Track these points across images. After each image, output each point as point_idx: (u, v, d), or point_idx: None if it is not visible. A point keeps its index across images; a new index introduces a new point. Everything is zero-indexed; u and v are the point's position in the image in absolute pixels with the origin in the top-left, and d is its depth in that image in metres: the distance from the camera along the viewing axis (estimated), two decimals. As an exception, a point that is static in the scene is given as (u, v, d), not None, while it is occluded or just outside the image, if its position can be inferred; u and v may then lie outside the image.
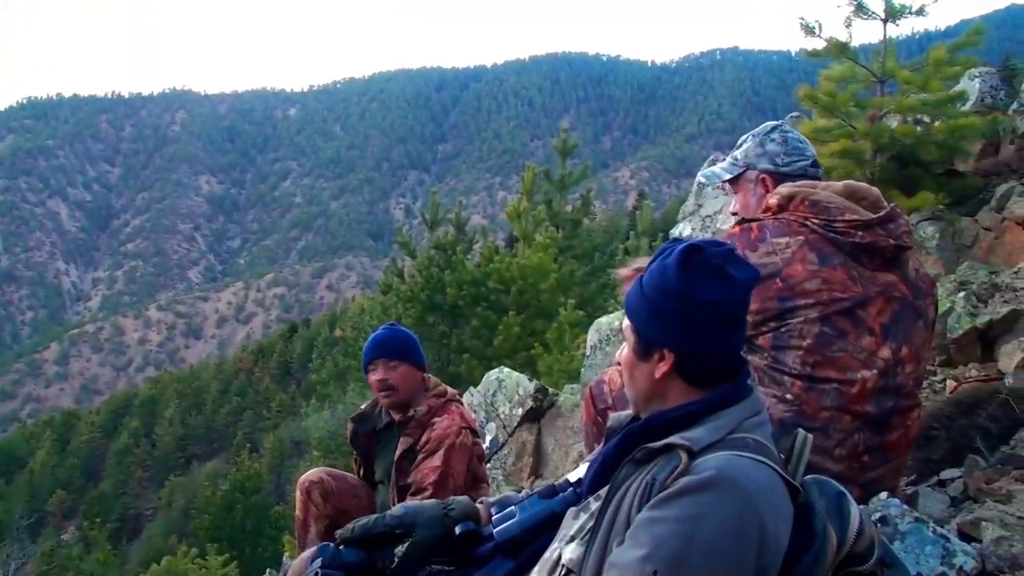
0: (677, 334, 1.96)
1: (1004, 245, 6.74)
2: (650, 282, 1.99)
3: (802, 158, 3.19)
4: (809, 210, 2.87)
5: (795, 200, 2.91)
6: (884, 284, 2.82)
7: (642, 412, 2.06)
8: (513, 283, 14.98)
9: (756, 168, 3.23)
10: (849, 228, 2.81)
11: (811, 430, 2.53)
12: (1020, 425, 3.59)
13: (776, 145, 3.22)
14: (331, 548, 2.24)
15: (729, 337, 1.98)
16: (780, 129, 3.29)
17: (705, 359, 1.97)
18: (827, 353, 2.71)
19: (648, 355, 2.00)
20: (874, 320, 2.77)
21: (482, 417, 8.29)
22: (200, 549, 26.58)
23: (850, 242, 2.80)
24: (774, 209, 2.96)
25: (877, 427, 2.73)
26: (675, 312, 1.95)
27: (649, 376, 2.01)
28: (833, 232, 2.81)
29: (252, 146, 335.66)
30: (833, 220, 2.83)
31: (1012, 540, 2.53)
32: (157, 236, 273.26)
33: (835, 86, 7.98)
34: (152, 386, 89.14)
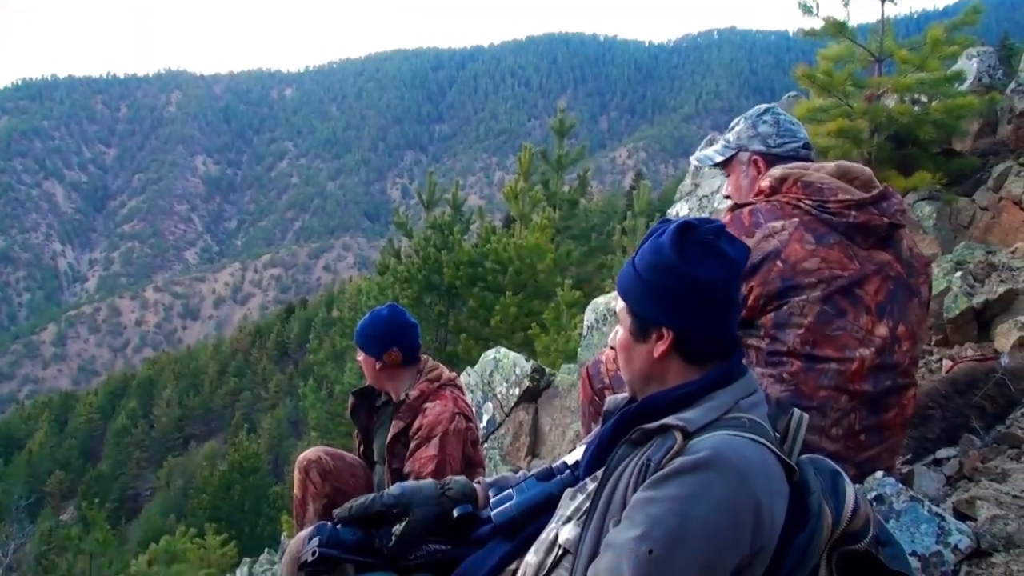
0: (675, 312, 1.96)
1: (1001, 225, 6.74)
2: (644, 261, 1.99)
3: (794, 140, 3.19)
4: (802, 191, 2.87)
5: (787, 182, 2.92)
6: (879, 263, 2.82)
7: (639, 394, 2.06)
8: (510, 263, 14.99)
9: (748, 150, 3.23)
10: (842, 208, 2.82)
11: (808, 409, 2.54)
12: (1015, 404, 3.60)
13: (768, 127, 3.22)
14: (329, 527, 2.24)
15: (724, 313, 1.99)
16: (772, 111, 3.28)
17: (702, 336, 1.98)
18: (826, 332, 2.71)
19: (646, 335, 2.00)
20: (871, 299, 2.77)
21: (479, 397, 8.30)
22: (198, 529, 26.60)
23: (844, 222, 2.81)
24: (766, 192, 2.97)
25: (874, 406, 2.73)
26: (672, 289, 1.95)
27: (647, 356, 2.01)
28: (827, 212, 2.81)
29: (248, 127, 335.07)
30: (826, 200, 2.83)
31: (1007, 519, 2.54)
32: (153, 217, 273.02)
33: (833, 65, 7.95)
34: (149, 367, 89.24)
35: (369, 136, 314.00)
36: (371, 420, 4.40)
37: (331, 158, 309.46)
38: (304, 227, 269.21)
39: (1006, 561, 2.40)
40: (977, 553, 2.47)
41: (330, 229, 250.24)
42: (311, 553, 2.15)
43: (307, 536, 2.28)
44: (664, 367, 2.00)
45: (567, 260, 16.03)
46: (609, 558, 1.71)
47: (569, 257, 16.19)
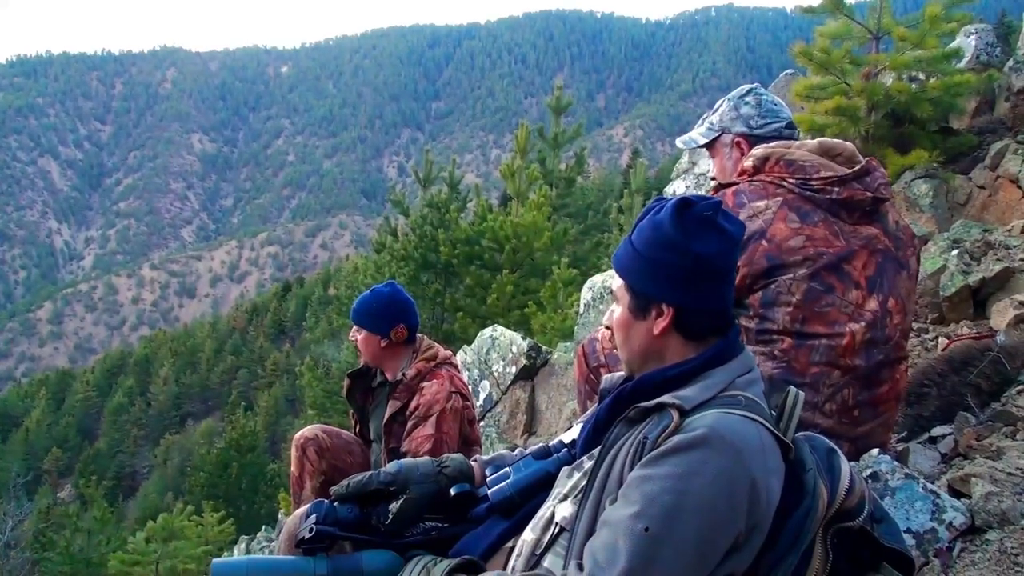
0: (675, 288, 1.96)
1: (998, 203, 6.74)
2: (643, 238, 1.99)
3: (776, 120, 3.20)
4: (785, 170, 2.88)
5: (770, 161, 2.92)
6: (866, 237, 2.83)
7: (637, 372, 2.06)
8: (507, 241, 14.98)
9: (731, 132, 3.24)
10: (825, 185, 2.82)
11: (800, 386, 2.55)
12: (1011, 382, 3.61)
13: (750, 108, 3.22)
14: (326, 504, 2.24)
15: (723, 290, 1.99)
16: (754, 92, 3.29)
17: (701, 312, 1.98)
18: (815, 308, 2.72)
19: (645, 312, 2.00)
20: (859, 273, 2.78)
21: (475, 375, 8.32)
22: (196, 506, 26.72)
23: (827, 198, 2.81)
24: (749, 172, 2.97)
25: (866, 381, 2.74)
26: (672, 265, 1.95)
27: (647, 334, 2.01)
28: (810, 190, 2.82)
29: (244, 104, 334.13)
30: (809, 178, 2.84)
31: (1001, 496, 2.55)
32: (150, 195, 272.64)
33: (830, 43, 7.93)
34: (146, 345, 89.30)
35: (365, 114, 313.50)
36: (367, 401, 4.41)
37: (327, 136, 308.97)
38: (301, 205, 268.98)
39: (1000, 538, 2.41)
40: (972, 530, 2.49)
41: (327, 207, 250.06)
42: (308, 530, 2.15)
43: (304, 513, 2.28)
44: (663, 344, 2.00)
45: (564, 238, 16.02)
46: (605, 536, 1.72)
47: (566, 235, 16.18)
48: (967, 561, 2.37)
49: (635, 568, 1.65)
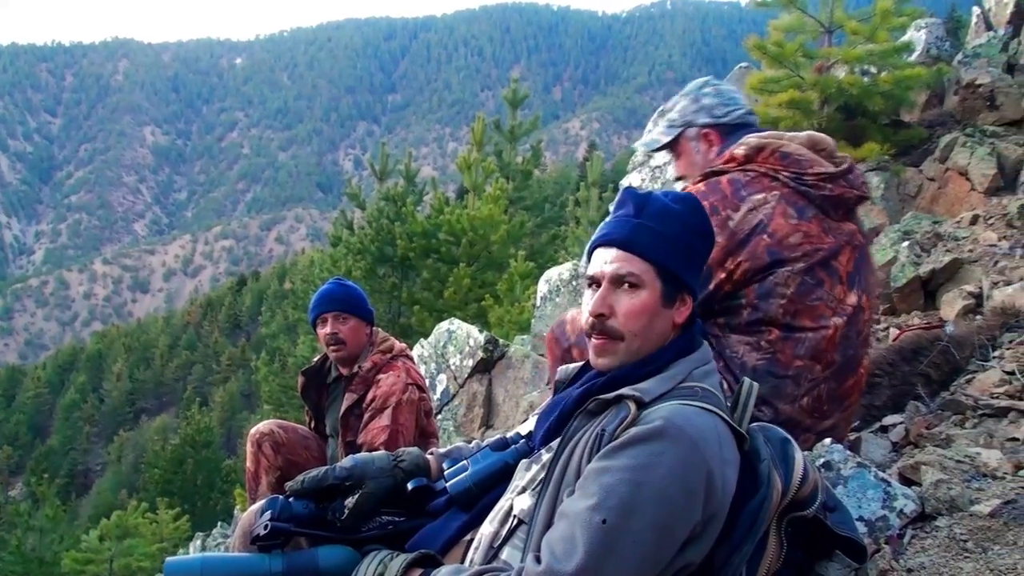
0: (696, 276, 2.01)
1: (947, 195, 6.83)
2: (684, 224, 2.00)
3: (738, 107, 3.20)
4: (779, 162, 2.89)
5: (765, 151, 2.92)
6: (848, 233, 2.88)
7: (630, 361, 2.01)
8: (463, 234, 14.95)
9: (696, 124, 3.21)
10: (819, 181, 2.85)
11: (783, 379, 2.61)
12: (960, 372, 3.66)
13: (711, 98, 3.21)
14: (281, 500, 2.22)
15: None
16: (710, 83, 3.29)
17: (697, 302, 2.02)
18: (806, 302, 2.75)
19: (673, 300, 1.99)
20: (844, 269, 2.83)
21: (432, 369, 8.30)
22: (151, 503, 26.48)
23: (821, 195, 2.84)
24: (740, 160, 2.96)
25: (838, 375, 2.78)
26: (703, 255, 2.02)
27: (669, 322, 2.00)
28: (804, 185, 2.84)
29: (197, 96, 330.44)
30: (803, 173, 2.86)
31: (951, 483, 2.59)
32: (101, 188, 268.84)
33: (784, 36, 8.00)
34: (99, 340, 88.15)
35: (321, 106, 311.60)
36: (322, 397, 4.39)
37: (282, 128, 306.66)
38: (255, 198, 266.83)
39: (950, 524, 2.44)
40: (922, 517, 2.52)
41: (282, 200, 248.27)
42: (263, 527, 2.13)
43: (259, 510, 2.26)
44: (674, 334, 2.02)
45: (520, 231, 16.02)
46: (563, 528, 1.72)
47: (522, 228, 16.17)
48: (918, 547, 2.40)
49: (592, 560, 1.65)
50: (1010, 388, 3.33)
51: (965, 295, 4.70)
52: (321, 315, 4.17)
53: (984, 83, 7.46)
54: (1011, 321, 3.92)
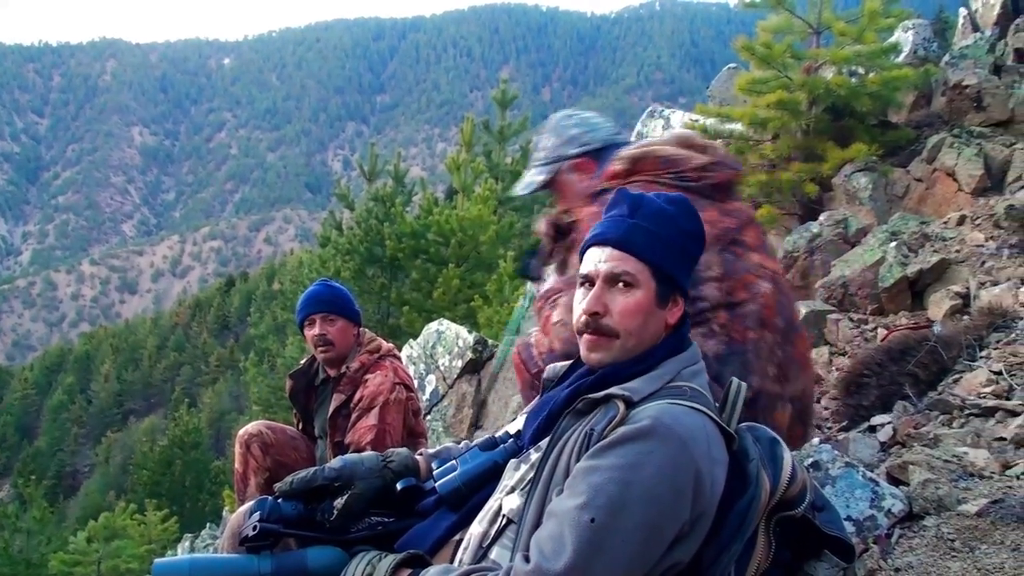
0: (688, 278, 2.04)
1: (934, 196, 6.87)
2: (678, 225, 2.02)
3: (602, 127, 3.25)
4: (659, 166, 2.91)
5: (643, 160, 2.94)
6: (740, 210, 2.95)
7: (620, 361, 2.01)
8: (452, 235, 14.93)
9: (567, 157, 3.23)
10: (701, 173, 2.89)
11: (745, 354, 2.61)
12: (947, 371, 3.68)
13: (576, 128, 3.25)
14: (269, 501, 2.22)
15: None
16: (570, 115, 3.32)
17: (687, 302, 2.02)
18: (735, 277, 2.78)
19: (667, 300, 2.00)
20: (752, 241, 2.88)
21: (422, 369, 8.29)
22: (139, 505, 26.38)
23: (706, 184, 2.88)
24: (622, 173, 2.96)
25: (787, 338, 2.81)
26: (694, 256, 2.04)
27: (662, 323, 2.01)
28: (689, 181, 2.87)
29: (186, 97, 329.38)
30: (684, 170, 2.89)
31: (938, 483, 2.59)
32: (89, 189, 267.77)
33: (772, 37, 8.03)
34: (87, 342, 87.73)
35: (310, 107, 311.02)
36: (310, 400, 4.38)
37: (271, 129, 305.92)
38: (244, 199, 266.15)
39: (937, 524, 2.45)
40: (910, 516, 2.53)
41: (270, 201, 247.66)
42: (252, 528, 2.12)
43: (248, 511, 2.25)
44: (666, 334, 2.03)
45: (509, 232, 15.99)
46: (552, 527, 1.72)
47: (511, 229, 16.14)
48: (905, 547, 2.41)
49: (581, 559, 1.66)
50: (997, 388, 3.35)
51: (952, 295, 4.73)
52: (308, 316, 4.16)
53: (971, 84, 7.50)
54: (998, 321, 3.94)
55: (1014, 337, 3.72)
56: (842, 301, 5.51)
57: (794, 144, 7.85)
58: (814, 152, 7.72)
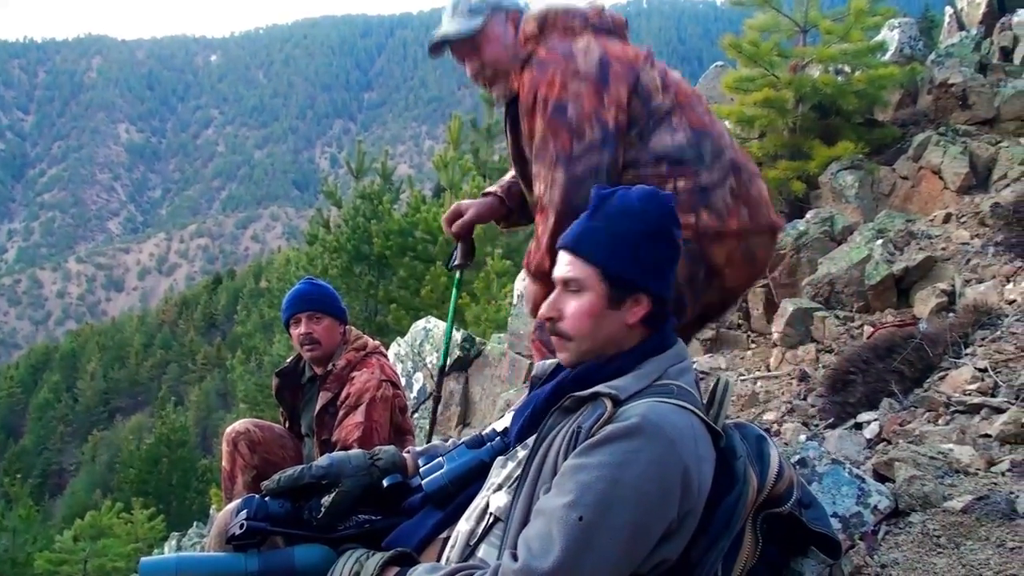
0: (658, 276, 1.98)
1: (920, 194, 6.89)
2: (629, 225, 1.98)
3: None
4: (566, 18, 2.97)
5: (549, 16, 2.97)
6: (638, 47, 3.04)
7: (585, 361, 2.04)
8: (440, 233, 14.91)
9: (503, 8, 3.10)
10: (600, 15, 3.00)
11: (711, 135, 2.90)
12: (933, 369, 3.70)
13: None
14: (256, 499, 2.21)
15: (673, 279, 2.02)
16: None
17: (666, 301, 2.00)
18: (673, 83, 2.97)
19: (621, 302, 1.99)
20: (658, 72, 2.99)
21: (409, 367, 8.29)
22: (125, 503, 26.30)
23: (606, 25, 3.00)
24: (536, 34, 2.97)
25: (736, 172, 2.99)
26: (657, 254, 1.98)
27: (619, 323, 2.00)
28: (593, 23, 2.97)
29: (172, 93, 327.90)
30: (586, 14, 2.97)
31: (924, 479, 2.61)
32: (75, 186, 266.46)
33: (759, 35, 8.05)
34: (73, 339, 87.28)
35: (297, 104, 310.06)
36: (297, 398, 4.37)
37: (258, 126, 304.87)
38: (231, 196, 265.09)
39: (923, 520, 2.47)
40: (896, 513, 2.54)
41: (258, 198, 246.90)
42: (239, 526, 2.12)
43: (235, 509, 2.25)
44: (631, 333, 2.01)
45: (496, 230, 15.99)
46: (540, 525, 1.73)
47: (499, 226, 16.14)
48: (891, 543, 2.42)
49: (569, 557, 1.66)
50: (982, 385, 3.37)
51: (938, 293, 4.75)
52: (294, 315, 4.15)
53: (957, 82, 7.53)
54: (983, 319, 3.96)
55: (999, 334, 3.74)
56: (829, 299, 5.53)
57: (781, 142, 7.86)
58: (801, 150, 7.74)
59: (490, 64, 3.08)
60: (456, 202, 3.63)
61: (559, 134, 2.82)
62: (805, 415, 4.19)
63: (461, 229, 3.59)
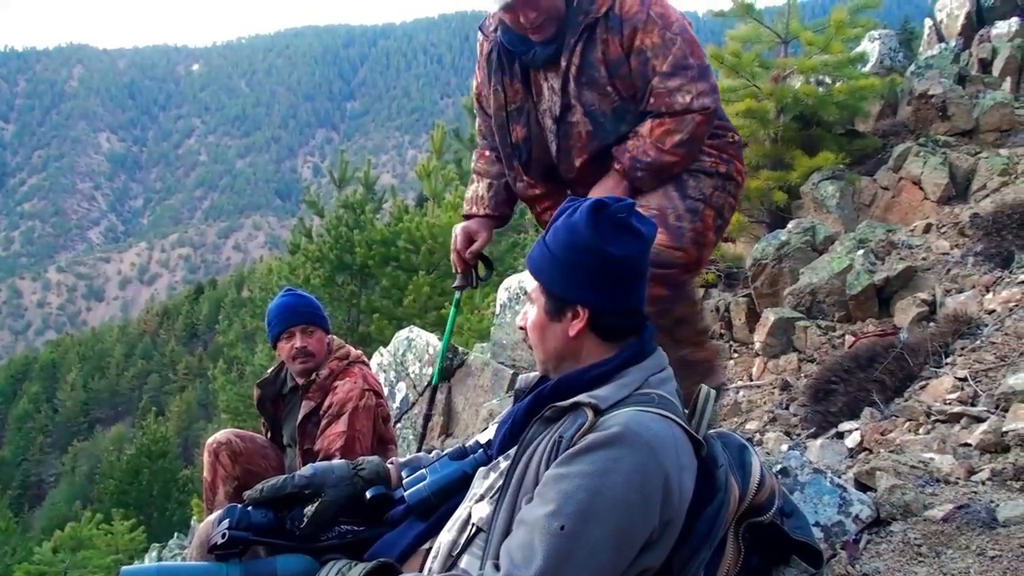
0: (590, 290, 1.98)
1: (901, 204, 6.94)
2: (558, 240, 2.00)
3: None
4: None
5: None
6: None
7: (553, 373, 2.06)
8: (423, 242, 14.92)
9: None
10: None
11: None
12: (913, 378, 3.72)
13: None
14: (239, 509, 2.20)
15: (636, 290, 2.01)
16: None
17: (615, 314, 2.00)
18: None
19: (560, 314, 2.01)
20: None
21: (392, 377, 8.27)
22: (105, 514, 26.11)
23: None
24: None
25: None
26: (588, 267, 1.96)
27: (563, 335, 2.01)
28: None
29: (154, 103, 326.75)
30: None
31: (904, 488, 2.62)
32: (55, 195, 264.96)
33: (741, 46, 8.09)
34: (53, 350, 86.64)
35: (279, 113, 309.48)
36: (278, 408, 4.35)
37: (240, 135, 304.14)
38: (213, 206, 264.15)
39: (904, 529, 2.48)
40: (877, 522, 2.55)
41: (240, 208, 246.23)
42: (221, 535, 2.10)
43: (216, 519, 2.24)
44: (579, 345, 2.01)
45: (480, 239, 15.98)
46: (522, 535, 1.72)
47: (482, 236, 16.14)
48: (873, 552, 2.43)
49: (551, 566, 1.66)
50: (962, 394, 3.39)
51: (919, 302, 4.78)
52: (287, 329, 4.12)
53: (936, 93, 7.59)
54: (963, 328, 3.99)
55: (979, 344, 3.77)
56: (810, 308, 5.55)
57: (762, 152, 7.90)
58: (782, 160, 7.79)
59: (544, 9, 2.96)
60: (458, 226, 3.59)
61: (695, 49, 2.94)
62: (787, 424, 4.20)
63: (473, 257, 3.60)
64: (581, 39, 2.98)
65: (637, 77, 2.97)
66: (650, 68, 2.93)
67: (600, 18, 2.94)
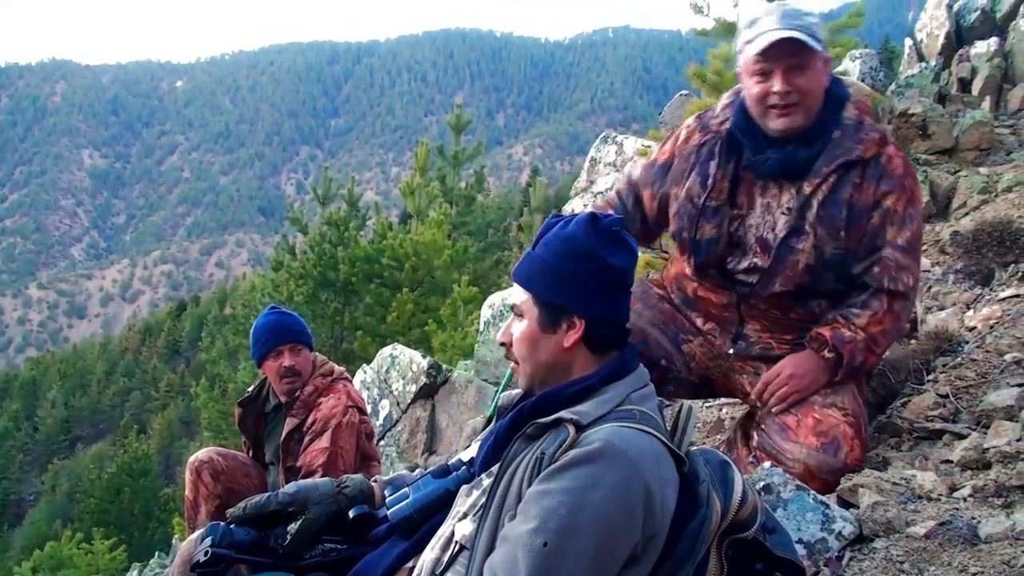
0: (589, 298, 1.99)
1: (882, 221, 6.97)
2: (553, 250, 2.01)
3: None
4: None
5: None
6: None
7: (539, 387, 2.06)
8: (407, 259, 14.93)
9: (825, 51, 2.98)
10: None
11: None
12: (896, 395, 3.73)
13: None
14: (221, 527, 2.19)
15: (625, 302, 2.04)
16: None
17: (609, 325, 2.01)
18: None
19: (555, 325, 2.01)
20: None
21: (375, 394, 8.25)
22: (86, 534, 25.91)
23: None
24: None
25: None
26: (585, 276, 1.98)
27: (556, 347, 2.02)
28: None
29: (137, 119, 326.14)
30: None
31: (887, 505, 2.63)
32: (37, 212, 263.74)
33: (723, 65, 8.13)
34: (33, 367, 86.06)
35: (263, 130, 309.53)
36: (260, 427, 4.33)
37: (224, 152, 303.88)
38: (196, 223, 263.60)
39: (887, 546, 2.48)
40: (860, 539, 2.55)
41: (223, 225, 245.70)
42: (203, 553, 2.09)
43: (199, 537, 2.23)
44: (571, 357, 2.02)
45: (464, 256, 16.01)
46: (505, 552, 1.72)
47: (466, 253, 16.17)
48: (856, 569, 2.43)
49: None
50: (944, 411, 3.40)
51: (900, 319, 4.79)
52: (276, 348, 4.10)
53: (916, 112, 7.64)
54: (944, 345, 4.00)
55: (960, 361, 3.78)
56: (793, 325, 5.56)
57: (745, 170, 7.93)
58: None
59: (803, 90, 2.91)
60: None
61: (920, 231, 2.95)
62: (770, 441, 4.20)
63: None
64: (836, 172, 2.91)
65: (869, 235, 2.92)
66: (885, 234, 2.89)
67: (863, 160, 2.90)
